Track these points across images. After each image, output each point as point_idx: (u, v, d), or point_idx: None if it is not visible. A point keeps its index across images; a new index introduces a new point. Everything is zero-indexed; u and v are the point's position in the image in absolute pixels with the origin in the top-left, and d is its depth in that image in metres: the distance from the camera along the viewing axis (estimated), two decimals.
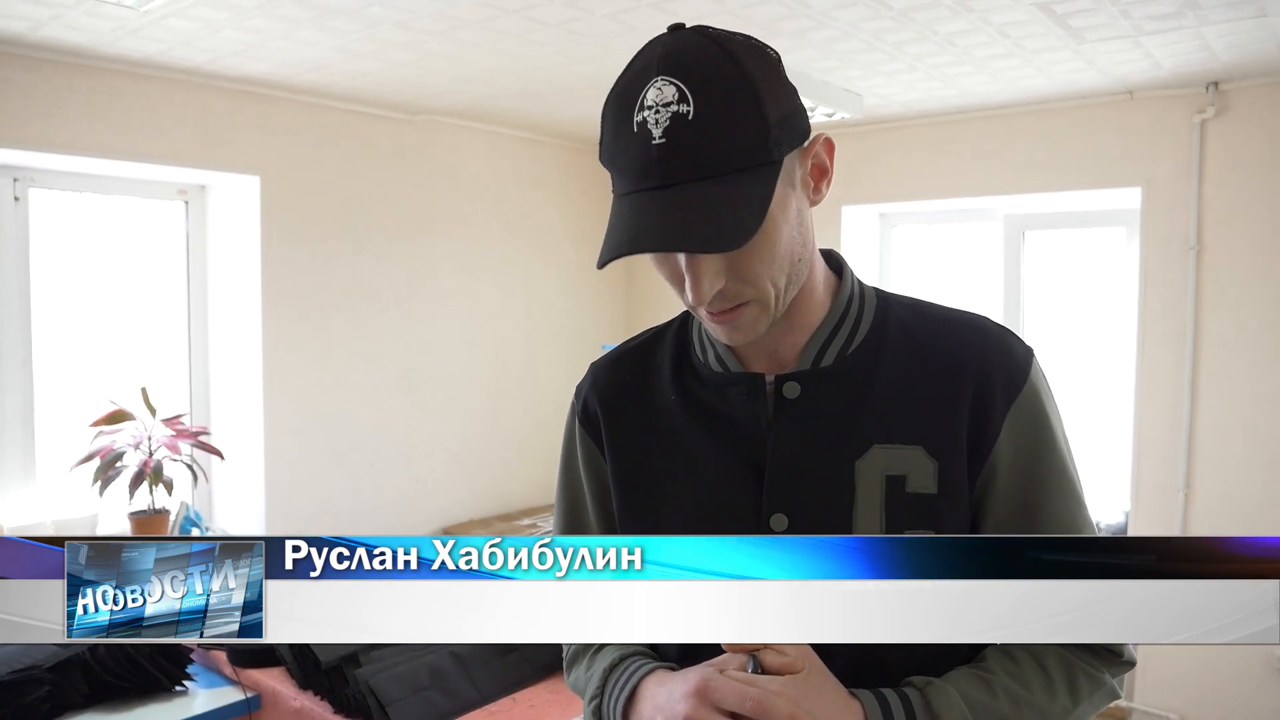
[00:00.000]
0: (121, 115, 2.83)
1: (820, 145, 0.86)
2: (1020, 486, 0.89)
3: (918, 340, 0.91)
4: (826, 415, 0.90)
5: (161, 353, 3.31)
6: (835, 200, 3.84)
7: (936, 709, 0.81)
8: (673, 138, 0.77)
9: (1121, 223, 3.46)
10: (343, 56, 2.77)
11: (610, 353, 1.06)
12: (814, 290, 0.92)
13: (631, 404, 0.99)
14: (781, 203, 0.81)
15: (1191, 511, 3.16)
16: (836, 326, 0.92)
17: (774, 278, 0.84)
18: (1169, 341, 3.17)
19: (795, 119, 0.82)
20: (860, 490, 0.87)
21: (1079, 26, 2.45)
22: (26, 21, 2.40)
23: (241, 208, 3.23)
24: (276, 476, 3.27)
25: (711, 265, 0.81)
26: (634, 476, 0.97)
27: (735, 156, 0.78)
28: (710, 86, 0.77)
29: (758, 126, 0.78)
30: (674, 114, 0.77)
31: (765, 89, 0.79)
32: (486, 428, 3.94)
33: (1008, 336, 0.93)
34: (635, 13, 2.36)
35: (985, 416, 0.88)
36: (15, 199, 2.86)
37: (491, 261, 3.92)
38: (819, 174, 0.86)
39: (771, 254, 0.82)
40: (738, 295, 0.84)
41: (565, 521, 1.06)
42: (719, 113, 0.77)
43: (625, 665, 0.93)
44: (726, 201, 0.77)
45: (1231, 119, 3.03)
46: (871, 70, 2.92)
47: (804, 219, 0.87)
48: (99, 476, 2.88)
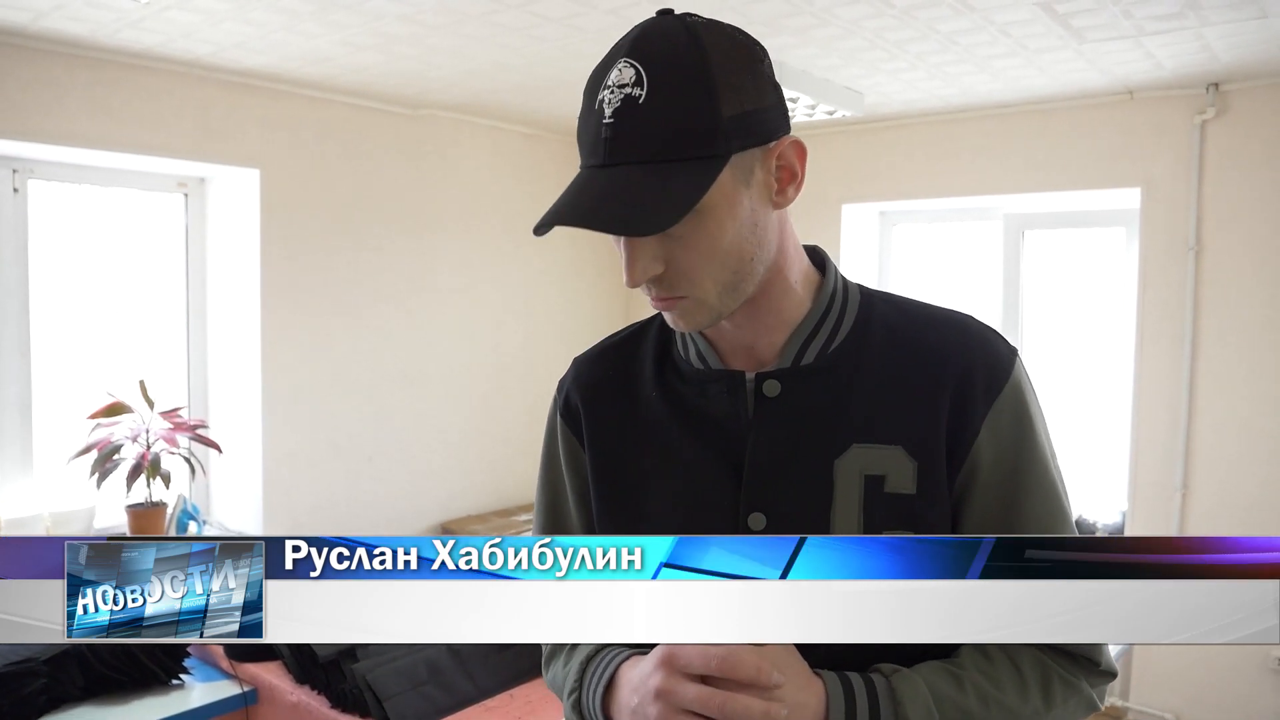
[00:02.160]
0: (122, 107, 2.83)
1: (788, 147, 0.84)
2: (1000, 486, 0.88)
3: (901, 338, 0.91)
4: (806, 413, 0.89)
5: (160, 345, 3.30)
6: (835, 198, 3.84)
7: (901, 697, 0.80)
8: (620, 119, 0.78)
9: (1121, 223, 3.46)
10: (344, 50, 2.76)
11: (593, 347, 1.06)
12: (791, 288, 0.90)
13: (613, 399, 0.98)
14: (729, 200, 0.81)
15: (1189, 511, 3.17)
16: (818, 324, 0.91)
17: (716, 275, 0.83)
18: (1167, 341, 3.17)
19: (759, 117, 0.81)
20: (839, 489, 0.87)
21: (1080, 26, 2.45)
22: (27, 12, 2.39)
23: (241, 201, 3.22)
24: (274, 470, 3.27)
25: (646, 251, 0.82)
26: (613, 472, 0.97)
27: (676, 146, 0.78)
28: (666, 73, 0.78)
29: (706, 119, 0.78)
30: (625, 96, 0.78)
31: (725, 82, 0.78)
32: (485, 422, 3.94)
33: (991, 335, 0.92)
34: (637, 8, 2.36)
35: (965, 415, 0.87)
36: (14, 190, 2.86)
37: (491, 256, 3.91)
38: (788, 177, 0.85)
39: (711, 248, 0.82)
40: (674, 287, 0.84)
41: (545, 516, 1.06)
42: (668, 100, 0.77)
43: (602, 656, 0.92)
44: (654, 188, 0.77)
45: (1231, 120, 3.03)
46: (873, 68, 2.92)
47: (760, 219, 0.84)
48: (96, 469, 2.88)
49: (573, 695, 0.93)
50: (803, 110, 3.17)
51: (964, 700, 0.82)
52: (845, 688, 0.81)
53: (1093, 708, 0.91)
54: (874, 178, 3.78)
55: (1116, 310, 3.48)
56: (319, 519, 3.39)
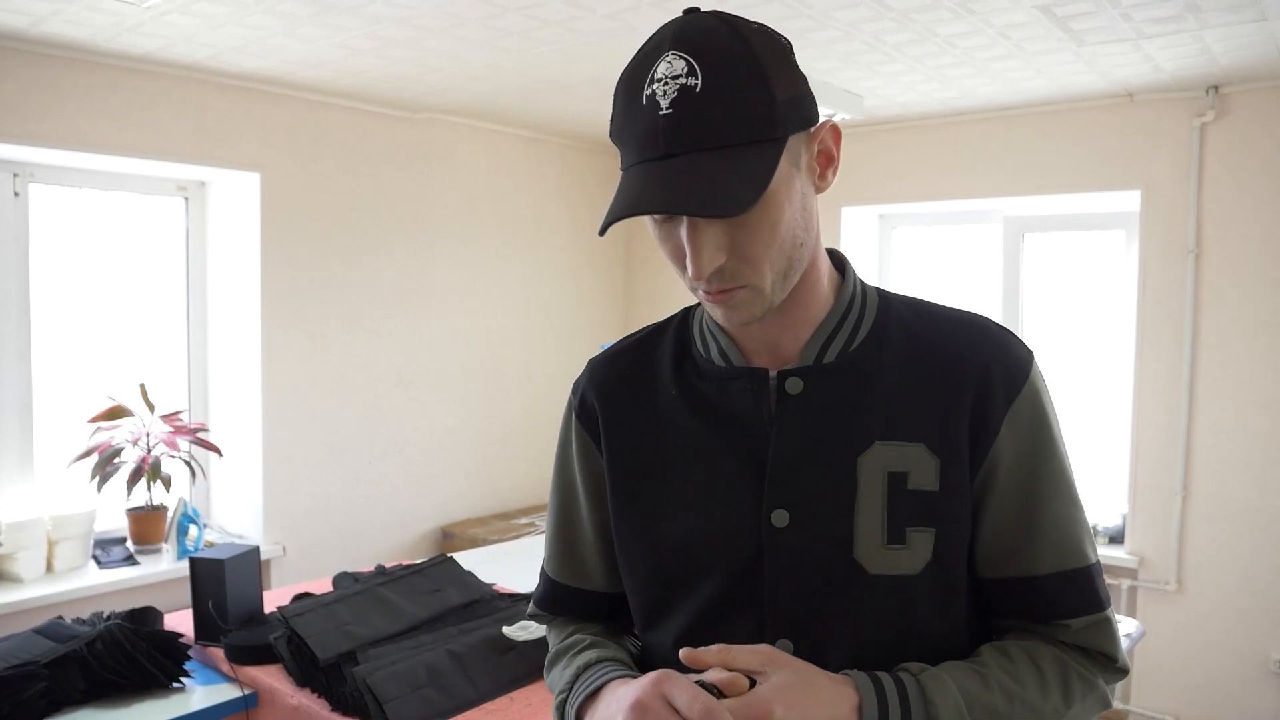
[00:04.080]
0: (122, 111, 2.83)
1: (827, 132, 0.85)
2: (1019, 486, 0.89)
3: (919, 339, 0.91)
4: (829, 411, 0.89)
5: (160, 349, 3.31)
6: (835, 201, 3.85)
7: (931, 695, 0.81)
8: (679, 108, 0.77)
9: (1121, 225, 3.46)
10: (343, 53, 2.77)
11: (609, 349, 1.05)
12: (817, 285, 0.91)
13: (631, 399, 0.98)
14: (785, 182, 0.81)
15: (1188, 514, 3.17)
16: (840, 323, 0.91)
17: (773, 260, 0.83)
18: (1167, 344, 3.17)
19: (803, 103, 0.83)
20: (862, 486, 0.87)
21: (1080, 29, 2.46)
22: (27, 16, 2.39)
23: (241, 204, 3.23)
24: (274, 473, 3.27)
25: (712, 239, 0.81)
26: (632, 471, 0.96)
27: (739, 130, 0.78)
28: (718, 62, 0.78)
29: (764, 103, 0.78)
30: (681, 86, 0.77)
31: (772, 69, 0.80)
32: (484, 425, 3.94)
33: (1008, 337, 0.92)
34: (636, 11, 2.36)
35: (985, 415, 0.87)
36: (15, 194, 2.86)
37: (490, 259, 3.92)
38: (825, 161, 0.86)
39: (772, 233, 0.82)
40: (736, 275, 0.83)
41: (557, 521, 1.06)
42: (725, 87, 0.77)
43: (599, 667, 0.92)
44: (728, 172, 0.77)
45: (1231, 122, 3.03)
46: (872, 71, 2.92)
47: (808, 204, 0.86)
48: (97, 472, 2.88)
49: (560, 696, 0.93)
50: None
51: (990, 697, 0.83)
52: (876, 687, 0.81)
53: (1106, 704, 0.91)
54: (873, 181, 3.78)
55: (1116, 313, 3.49)
56: (318, 522, 3.40)
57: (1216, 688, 3.12)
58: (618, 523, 0.97)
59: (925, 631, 0.88)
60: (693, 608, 0.92)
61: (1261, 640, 3.04)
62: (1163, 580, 3.22)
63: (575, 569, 1.05)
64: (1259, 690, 3.04)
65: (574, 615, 1.06)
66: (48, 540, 2.82)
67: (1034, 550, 0.88)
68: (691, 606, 0.92)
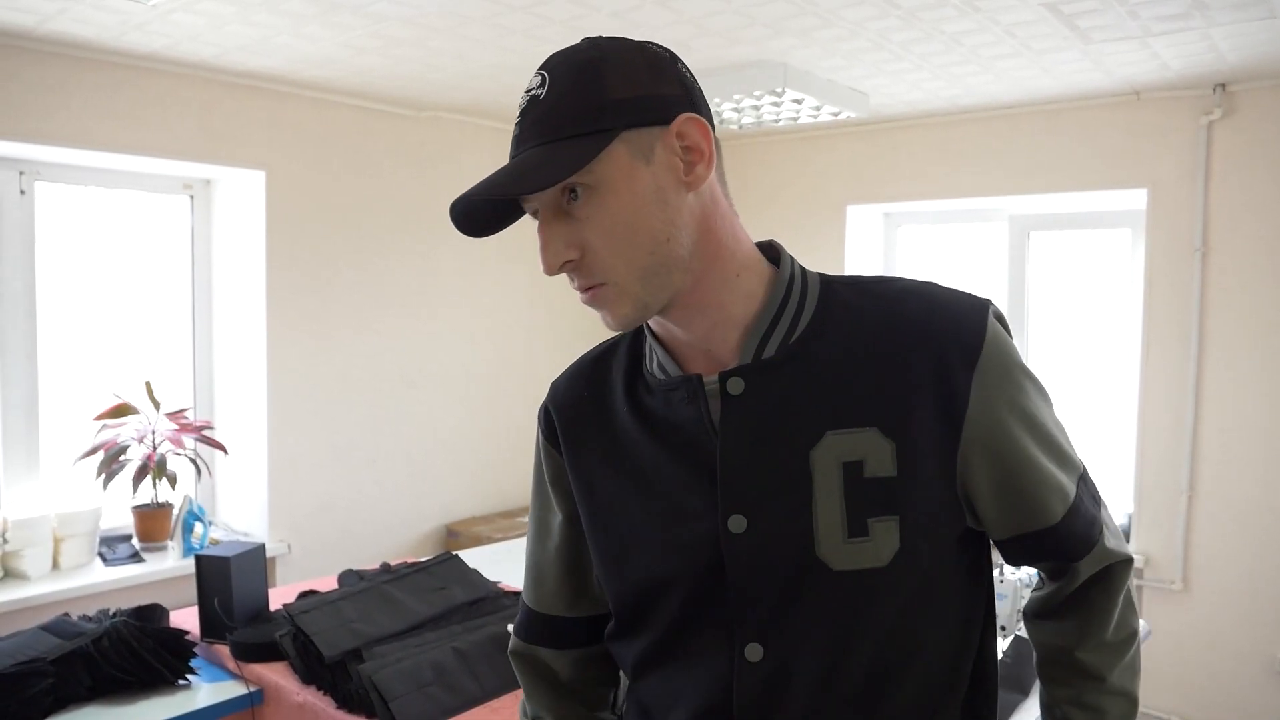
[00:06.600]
0: (127, 109, 2.84)
1: (685, 123, 0.83)
2: (1005, 447, 0.86)
3: (864, 318, 0.88)
4: (774, 408, 0.86)
5: (166, 347, 3.31)
6: (840, 200, 3.84)
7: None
8: (524, 116, 0.84)
9: (1127, 224, 3.45)
10: (348, 52, 2.77)
11: (568, 369, 1.05)
12: (734, 282, 0.88)
13: (589, 419, 0.97)
14: (626, 175, 0.81)
15: (1194, 513, 3.16)
16: (776, 316, 0.88)
17: (630, 257, 0.82)
18: (1173, 343, 3.16)
19: (653, 101, 0.83)
20: (818, 481, 0.84)
21: (1086, 27, 2.45)
22: (34, 15, 2.40)
23: (247, 202, 3.23)
24: (279, 471, 3.27)
25: (558, 234, 0.84)
26: (596, 492, 0.96)
27: (564, 126, 0.81)
28: (561, 70, 0.83)
29: (593, 101, 0.81)
30: (531, 97, 0.84)
31: (614, 71, 0.82)
32: (489, 424, 3.94)
33: (957, 298, 0.89)
34: (640, 10, 2.36)
35: (949, 384, 0.84)
36: (21, 192, 2.87)
37: (494, 258, 3.92)
38: (695, 156, 0.84)
39: (613, 227, 0.82)
40: (590, 272, 0.84)
41: (534, 538, 1.06)
42: (560, 91, 0.82)
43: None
44: (544, 162, 0.80)
45: (1238, 121, 3.02)
46: (877, 69, 2.92)
47: (670, 199, 0.83)
48: (103, 470, 2.89)
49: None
50: (807, 112, 3.17)
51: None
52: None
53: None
54: (878, 179, 3.77)
55: (1122, 312, 3.48)
56: (323, 520, 3.40)
57: (1221, 687, 3.11)
58: (592, 544, 0.98)
59: (905, 627, 0.86)
60: (663, 622, 0.92)
61: (1267, 640, 3.03)
62: (1168, 580, 3.21)
63: (550, 597, 1.06)
64: (1264, 690, 3.03)
65: (550, 644, 1.06)
66: (54, 537, 2.82)
67: (1037, 506, 0.89)
68: (661, 621, 0.92)
